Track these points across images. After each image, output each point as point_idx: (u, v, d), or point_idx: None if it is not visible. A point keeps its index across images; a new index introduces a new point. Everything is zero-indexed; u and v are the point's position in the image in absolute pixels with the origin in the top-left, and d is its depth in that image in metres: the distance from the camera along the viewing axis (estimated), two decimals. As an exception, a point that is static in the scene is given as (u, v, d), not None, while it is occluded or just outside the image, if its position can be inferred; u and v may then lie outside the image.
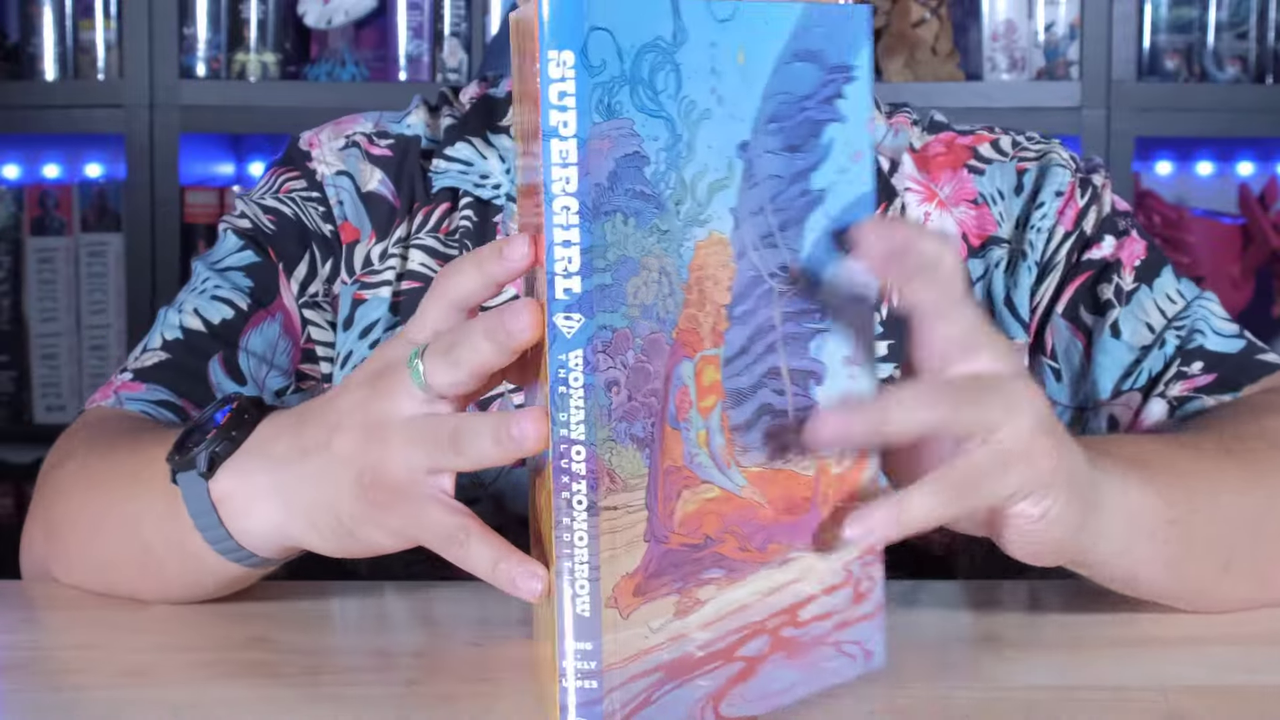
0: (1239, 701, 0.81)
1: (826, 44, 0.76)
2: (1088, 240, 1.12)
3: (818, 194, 0.76)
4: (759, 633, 0.76)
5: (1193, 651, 0.88)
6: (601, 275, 0.69)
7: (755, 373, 0.74)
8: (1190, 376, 1.07)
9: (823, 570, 0.77)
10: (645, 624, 0.72)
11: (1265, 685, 0.84)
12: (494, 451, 0.74)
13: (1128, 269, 1.11)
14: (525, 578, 0.74)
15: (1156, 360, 1.08)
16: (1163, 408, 1.06)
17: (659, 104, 0.70)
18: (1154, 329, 1.09)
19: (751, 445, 0.74)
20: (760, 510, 0.75)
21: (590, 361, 0.69)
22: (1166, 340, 1.08)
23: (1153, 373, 1.08)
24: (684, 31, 0.71)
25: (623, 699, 0.71)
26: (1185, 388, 1.06)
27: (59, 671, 0.86)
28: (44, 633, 0.95)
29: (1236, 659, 0.87)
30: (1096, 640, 0.89)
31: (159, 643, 0.89)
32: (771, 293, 0.75)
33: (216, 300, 1.10)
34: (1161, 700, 0.81)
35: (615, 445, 0.70)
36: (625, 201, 0.70)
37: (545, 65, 0.68)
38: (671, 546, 0.72)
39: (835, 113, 0.76)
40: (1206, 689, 0.83)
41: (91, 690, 0.83)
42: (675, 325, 0.71)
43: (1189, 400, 1.06)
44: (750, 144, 0.73)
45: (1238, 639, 0.90)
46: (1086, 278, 1.11)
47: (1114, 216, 1.13)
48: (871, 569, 0.79)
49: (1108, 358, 1.09)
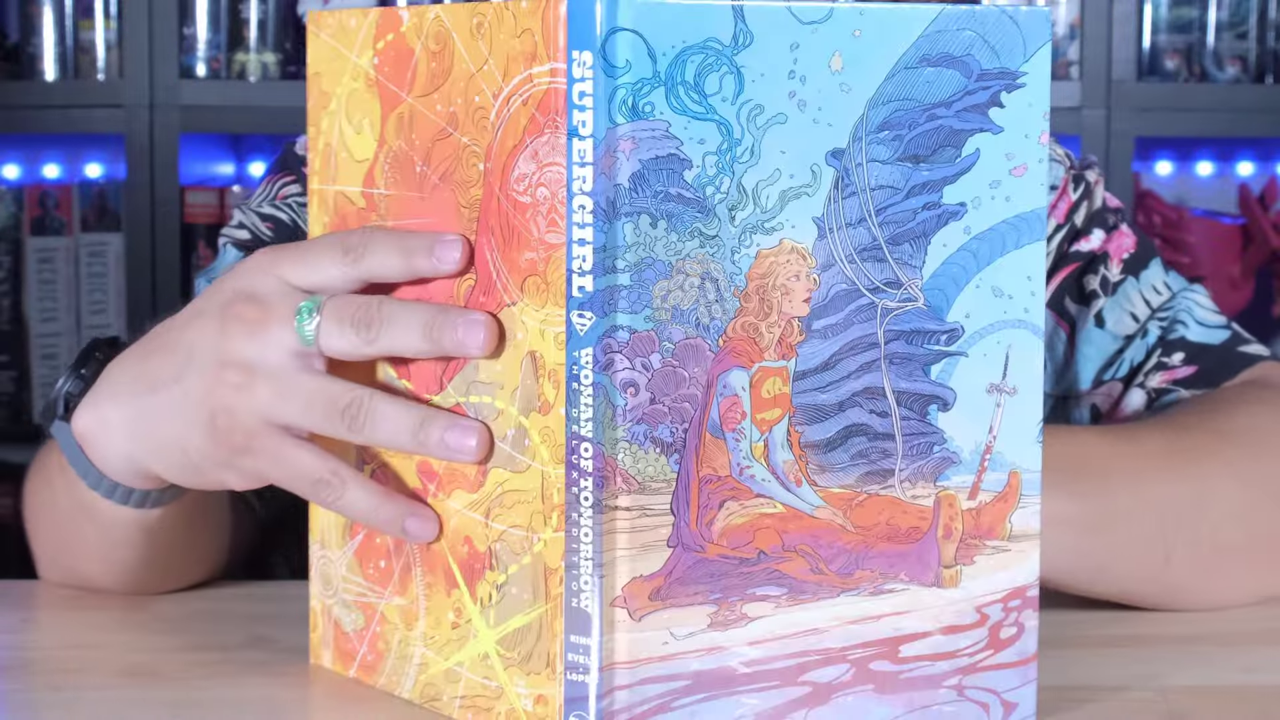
0: (1238, 701, 0.81)
1: (976, 48, 0.73)
2: (1077, 232, 1.12)
3: (953, 209, 0.73)
4: (836, 660, 0.73)
5: (1192, 651, 0.88)
6: (619, 275, 0.68)
7: (844, 390, 0.72)
8: (1170, 368, 1.07)
9: (939, 607, 0.75)
10: (666, 629, 0.71)
11: (1264, 685, 0.84)
12: (410, 445, 0.74)
13: (1115, 261, 1.11)
14: (417, 521, 0.74)
15: (1138, 350, 1.08)
16: (1141, 398, 1.07)
17: (708, 106, 0.69)
18: (1138, 319, 1.09)
19: (834, 465, 0.72)
20: (844, 534, 0.73)
21: (600, 360, 0.69)
22: (1149, 330, 1.09)
23: (1134, 363, 1.08)
24: (749, 34, 0.69)
25: (629, 700, 0.70)
26: (1164, 379, 1.07)
27: (59, 671, 0.86)
28: (44, 633, 0.95)
29: (1235, 659, 0.87)
30: (1096, 640, 0.89)
31: (159, 643, 0.89)
32: (873, 308, 0.72)
33: None
34: (1161, 700, 0.81)
35: (630, 446, 0.69)
36: (654, 204, 0.69)
37: (570, 65, 0.68)
38: (708, 556, 0.71)
39: (985, 122, 0.73)
40: (1206, 689, 0.83)
41: (91, 690, 0.83)
42: (723, 332, 0.70)
43: (1167, 392, 1.06)
44: (847, 151, 0.71)
45: (1237, 639, 0.90)
46: (1073, 269, 1.11)
47: (1104, 211, 1.13)
48: (1021, 615, 0.77)
49: (1091, 347, 1.10)
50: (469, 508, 0.74)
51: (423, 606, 0.77)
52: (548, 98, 0.69)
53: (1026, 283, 0.75)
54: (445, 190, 0.74)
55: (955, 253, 0.73)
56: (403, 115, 0.76)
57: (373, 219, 0.78)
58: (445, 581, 0.76)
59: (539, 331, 0.71)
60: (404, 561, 0.77)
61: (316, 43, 0.80)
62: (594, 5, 0.67)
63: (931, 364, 0.74)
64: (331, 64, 0.80)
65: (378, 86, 0.77)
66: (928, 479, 0.74)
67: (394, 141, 0.76)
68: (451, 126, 0.74)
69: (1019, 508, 0.76)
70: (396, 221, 0.77)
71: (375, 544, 0.79)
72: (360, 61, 0.78)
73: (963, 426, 0.74)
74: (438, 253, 0.73)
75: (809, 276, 0.71)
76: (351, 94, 0.78)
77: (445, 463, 0.75)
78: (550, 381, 0.70)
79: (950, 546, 0.74)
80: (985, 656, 0.76)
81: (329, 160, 0.80)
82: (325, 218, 0.81)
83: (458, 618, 0.75)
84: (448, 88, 0.74)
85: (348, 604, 0.81)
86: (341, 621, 0.81)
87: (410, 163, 0.76)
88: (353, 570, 0.80)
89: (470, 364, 0.74)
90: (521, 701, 0.73)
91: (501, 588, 0.73)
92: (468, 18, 0.72)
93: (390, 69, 0.76)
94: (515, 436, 0.72)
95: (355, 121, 0.78)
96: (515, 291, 0.72)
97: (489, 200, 0.72)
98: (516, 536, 0.72)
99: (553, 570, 0.71)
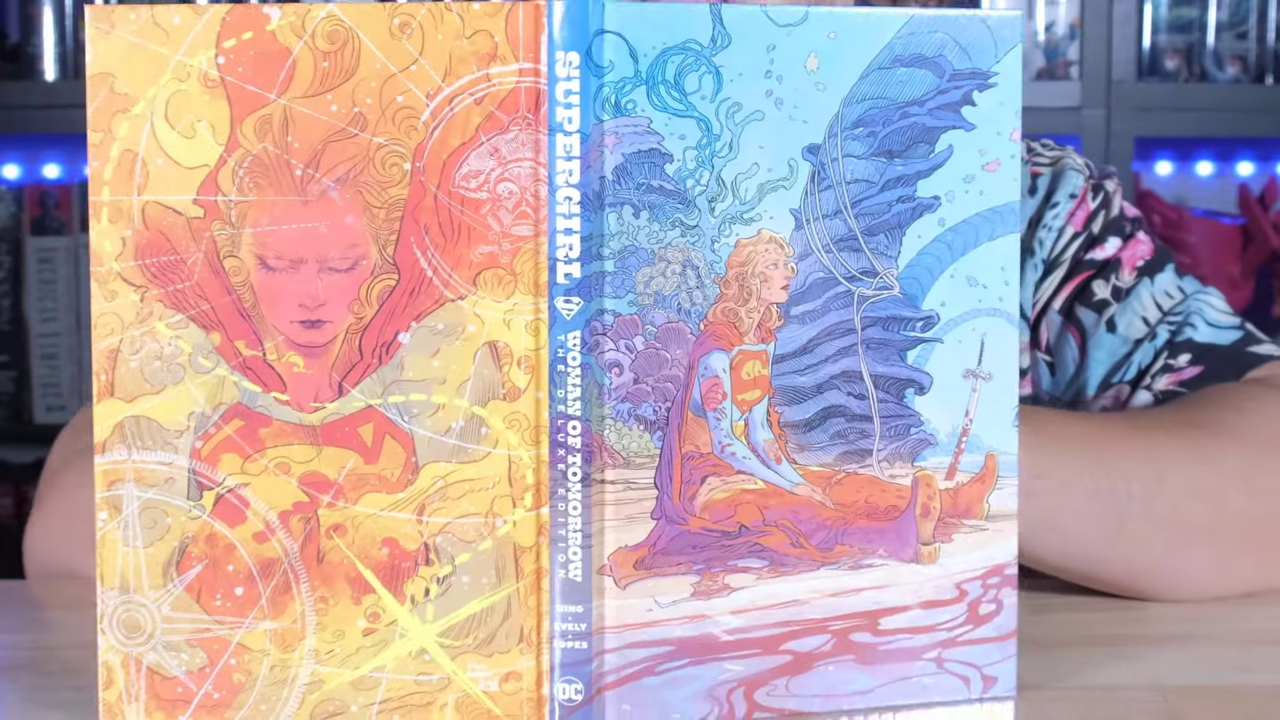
0: (1237, 701, 0.81)
1: (948, 50, 0.77)
2: (1093, 240, 1.12)
3: (928, 202, 0.77)
4: (816, 631, 0.77)
5: (1191, 651, 0.88)
6: (603, 263, 0.73)
7: (822, 373, 0.76)
8: (1177, 370, 1.07)
9: (918, 583, 0.78)
10: (650, 597, 0.75)
11: (1263, 685, 0.84)
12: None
13: (1128, 268, 1.11)
14: None
15: (1146, 353, 1.09)
16: (1148, 400, 1.07)
17: (687, 104, 0.73)
18: (1149, 323, 1.09)
19: (813, 444, 0.76)
20: (823, 510, 0.77)
21: (588, 342, 0.73)
22: (1158, 333, 1.09)
23: (1142, 365, 1.09)
24: (726, 36, 0.74)
25: (617, 663, 0.75)
26: (1171, 381, 1.07)
27: (60, 671, 0.86)
28: (45, 633, 0.95)
29: (1234, 659, 0.87)
30: (1096, 640, 0.90)
31: (159, 643, 0.89)
32: (850, 295, 0.76)
33: None
34: (1160, 700, 0.81)
35: (615, 423, 0.74)
36: (636, 195, 0.73)
37: (553, 65, 0.72)
38: (690, 529, 0.75)
39: (957, 119, 0.77)
40: (1205, 689, 0.83)
41: (92, 690, 0.83)
42: (704, 317, 0.74)
43: (1174, 395, 1.06)
44: (823, 147, 0.75)
45: (1236, 638, 0.90)
46: (1087, 276, 1.12)
47: (1121, 220, 1.13)
48: (1000, 592, 0.79)
49: (1102, 351, 1.10)
50: (391, 509, 0.75)
51: (311, 624, 0.76)
52: (513, 96, 0.72)
53: (1000, 273, 0.78)
54: (346, 192, 0.74)
55: (930, 244, 0.77)
56: (270, 117, 0.74)
57: (214, 227, 0.75)
58: (351, 590, 0.75)
59: (501, 322, 0.73)
60: (277, 583, 0.76)
61: (107, 40, 0.75)
62: (585, 9, 0.71)
63: (908, 349, 0.77)
64: (133, 63, 0.75)
65: (224, 87, 0.75)
66: (905, 459, 0.77)
67: (253, 144, 0.74)
68: (356, 127, 0.74)
69: (996, 489, 0.79)
70: (258, 229, 0.74)
71: (227, 572, 0.76)
72: (192, 61, 0.75)
73: (939, 410, 0.78)
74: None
75: (787, 265, 0.75)
76: (175, 95, 0.75)
77: (348, 469, 0.75)
78: (520, 368, 0.73)
79: (928, 524, 0.78)
80: (965, 631, 0.79)
81: (131, 168, 0.75)
82: (124, 231, 0.75)
83: (373, 623, 0.75)
84: (349, 88, 0.73)
85: (174, 646, 0.77)
86: (163, 666, 0.77)
87: (284, 166, 0.74)
88: (182, 608, 0.77)
89: (390, 364, 0.74)
90: (480, 685, 0.75)
91: (444, 580, 0.75)
92: (384, 17, 0.73)
93: (248, 69, 0.74)
94: (465, 428, 0.74)
95: (182, 125, 0.75)
96: (465, 286, 0.73)
97: (419, 198, 0.73)
98: (468, 525, 0.74)
99: (525, 549, 0.74)
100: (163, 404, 0.75)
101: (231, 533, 0.76)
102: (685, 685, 0.76)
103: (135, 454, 0.76)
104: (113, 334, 0.75)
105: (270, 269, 0.74)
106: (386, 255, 0.74)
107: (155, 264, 0.75)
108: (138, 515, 0.76)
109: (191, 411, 0.75)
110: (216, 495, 0.75)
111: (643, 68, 0.73)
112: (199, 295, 0.75)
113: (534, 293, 0.73)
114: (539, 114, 0.72)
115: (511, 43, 0.72)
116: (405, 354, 0.74)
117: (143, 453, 0.76)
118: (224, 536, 0.76)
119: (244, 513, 0.75)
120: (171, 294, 0.75)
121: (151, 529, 0.76)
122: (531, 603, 0.74)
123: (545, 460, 0.74)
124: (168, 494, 0.75)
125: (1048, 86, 2.29)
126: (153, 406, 0.75)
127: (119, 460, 0.76)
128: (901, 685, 0.79)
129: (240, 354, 0.75)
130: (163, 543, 0.76)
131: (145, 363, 0.75)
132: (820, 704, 0.78)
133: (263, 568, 0.76)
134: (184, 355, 0.75)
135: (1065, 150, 1.17)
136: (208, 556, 0.76)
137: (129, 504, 0.76)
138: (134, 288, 0.75)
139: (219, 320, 0.75)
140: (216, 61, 0.75)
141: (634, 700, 0.75)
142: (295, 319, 0.74)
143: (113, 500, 0.76)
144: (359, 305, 0.74)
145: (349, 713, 0.76)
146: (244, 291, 0.75)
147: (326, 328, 0.74)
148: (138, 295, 0.75)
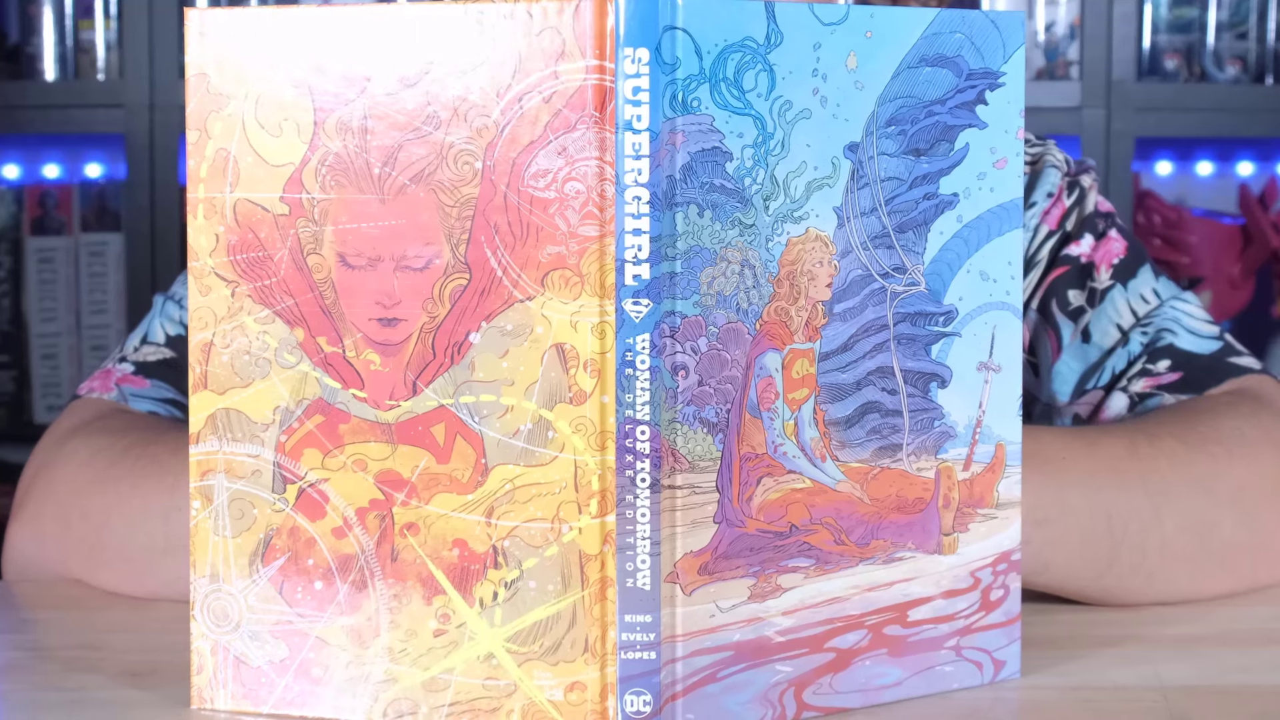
0: (1237, 702, 0.81)
1: (966, 50, 0.78)
2: (1068, 237, 1.12)
3: (948, 198, 0.79)
4: (855, 627, 0.78)
5: (1192, 652, 0.88)
6: (671, 263, 0.72)
7: (860, 370, 0.77)
8: (1155, 374, 1.07)
9: (940, 573, 0.79)
10: (713, 602, 0.74)
11: (1264, 685, 0.84)
12: None
13: (1103, 268, 1.11)
14: None
15: (1120, 359, 1.08)
16: (1124, 402, 1.06)
17: (746, 102, 0.73)
18: (1123, 329, 1.09)
19: (853, 441, 0.77)
20: (861, 506, 0.77)
21: (656, 345, 0.72)
22: (1131, 339, 1.08)
23: (1115, 370, 1.08)
24: (779, 33, 0.74)
25: (684, 671, 0.74)
26: (1148, 384, 1.06)
27: (59, 671, 0.86)
28: (44, 633, 0.95)
29: (1236, 659, 0.87)
30: (1096, 640, 0.89)
31: (159, 643, 0.89)
32: (884, 292, 0.77)
33: None
34: (1161, 700, 0.81)
35: (682, 427, 0.73)
36: (701, 194, 0.73)
37: (620, 62, 0.71)
38: (748, 531, 0.75)
39: (973, 118, 0.79)
40: (1206, 689, 0.83)
41: (92, 690, 0.83)
42: (759, 316, 0.75)
43: (1150, 396, 1.06)
44: (861, 145, 0.76)
45: (1237, 639, 0.90)
46: (1063, 272, 1.12)
47: (1095, 217, 1.13)
48: (1007, 578, 0.81)
49: (1077, 361, 1.10)
50: (462, 510, 0.75)
51: (384, 621, 0.76)
52: (580, 94, 0.71)
53: (1008, 267, 0.80)
54: (420, 191, 0.74)
55: (950, 239, 0.79)
56: (350, 115, 0.75)
57: (298, 225, 0.76)
58: (423, 589, 0.75)
59: (568, 324, 0.72)
60: (354, 578, 0.77)
61: (204, 42, 0.77)
62: (655, 4, 0.71)
63: (932, 344, 0.79)
64: (226, 65, 0.77)
65: (309, 86, 0.76)
66: (930, 452, 0.79)
67: (334, 144, 0.75)
68: (430, 126, 0.74)
69: (1004, 477, 0.81)
70: (339, 226, 0.75)
71: (307, 566, 0.77)
72: (280, 62, 0.76)
73: (957, 402, 0.79)
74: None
75: (831, 263, 0.76)
76: (264, 95, 0.76)
77: (421, 468, 0.75)
78: (586, 371, 0.72)
79: (949, 515, 0.79)
80: (978, 618, 0.81)
81: (224, 166, 0.77)
82: (218, 228, 0.77)
83: (444, 624, 0.75)
84: (423, 86, 0.74)
85: (258, 636, 0.78)
86: (248, 657, 0.78)
87: (363, 165, 0.75)
88: (266, 600, 0.78)
89: (461, 364, 0.74)
90: (546, 693, 0.74)
91: (512, 584, 0.74)
92: (459, 17, 0.73)
93: (330, 69, 0.75)
94: (532, 431, 0.73)
95: (271, 124, 0.76)
96: (533, 287, 0.73)
97: (490, 198, 0.73)
98: (535, 530, 0.73)
99: (590, 556, 0.73)
100: (250, 397, 0.77)
101: (312, 527, 0.77)
102: (743, 690, 0.75)
103: (226, 445, 0.77)
104: (207, 328, 0.77)
105: (350, 266, 0.75)
106: (459, 254, 0.74)
107: (245, 260, 0.77)
108: (227, 506, 0.77)
109: (276, 405, 0.76)
110: (299, 489, 0.77)
111: (706, 65, 0.72)
112: (284, 291, 0.76)
113: (600, 294, 0.72)
114: (605, 112, 0.71)
115: (579, 39, 0.71)
116: (476, 354, 0.74)
117: (232, 444, 0.77)
118: (305, 530, 0.77)
119: (324, 508, 0.76)
120: (259, 290, 0.77)
121: (239, 520, 0.77)
122: (596, 612, 0.73)
123: (611, 466, 0.73)
124: (255, 486, 0.77)
125: (1048, 86, 2.29)
126: (241, 399, 0.77)
127: (211, 451, 0.78)
128: (926, 675, 0.80)
129: (322, 350, 0.76)
130: (249, 534, 0.77)
131: (235, 356, 0.77)
132: (858, 699, 0.78)
133: (340, 563, 0.77)
134: (270, 350, 0.77)
135: (1046, 145, 1.17)
136: (290, 549, 0.77)
137: (219, 494, 0.78)
138: (226, 283, 0.77)
139: (302, 316, 0.76)
140: (302, 61, 0.76)
141: (698, 709, 0.74)
142: (372, 316, 0.75)
143: (205, 490, 0.78)
144: (432, 304, 0.74)
145: (419, 713, 0.76)
146: (325, 288, 0.76)
147: (401, 326, 0.75)
148: (229, 290, 0.77)
